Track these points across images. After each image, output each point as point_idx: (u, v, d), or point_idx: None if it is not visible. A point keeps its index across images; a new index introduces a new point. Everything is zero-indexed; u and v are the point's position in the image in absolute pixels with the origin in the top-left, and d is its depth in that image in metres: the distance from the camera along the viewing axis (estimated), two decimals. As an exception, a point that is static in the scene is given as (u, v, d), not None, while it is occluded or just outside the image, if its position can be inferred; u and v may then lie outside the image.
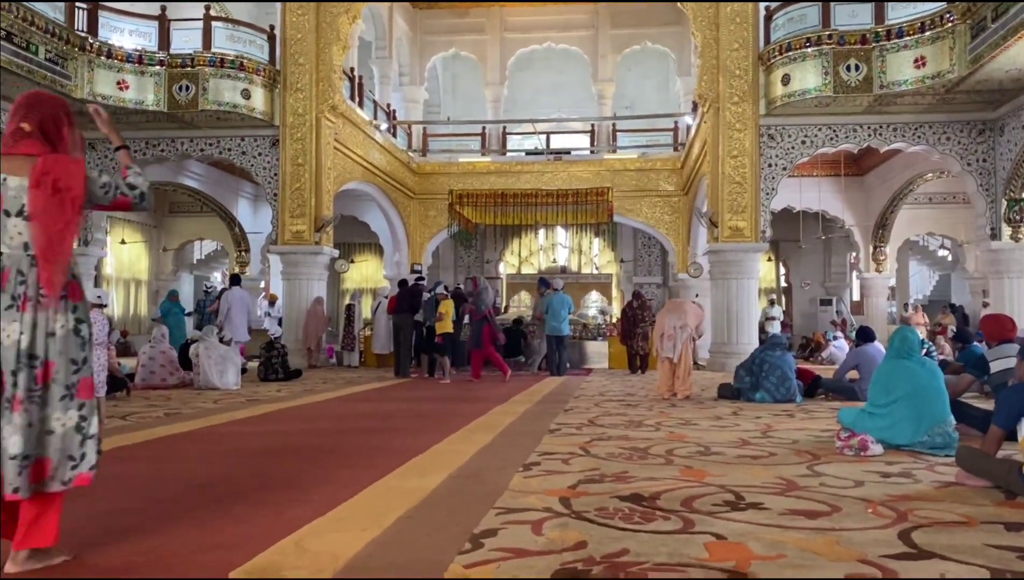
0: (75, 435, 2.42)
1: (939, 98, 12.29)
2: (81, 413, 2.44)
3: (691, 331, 8.85)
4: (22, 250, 2.42)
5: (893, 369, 4.90)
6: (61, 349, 2.42)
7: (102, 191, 2.59)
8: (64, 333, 2.44)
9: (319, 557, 2.47)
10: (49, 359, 2.40)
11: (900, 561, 2.45)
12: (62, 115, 2.63)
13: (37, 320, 2.40)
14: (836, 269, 22.88)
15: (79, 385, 2.45)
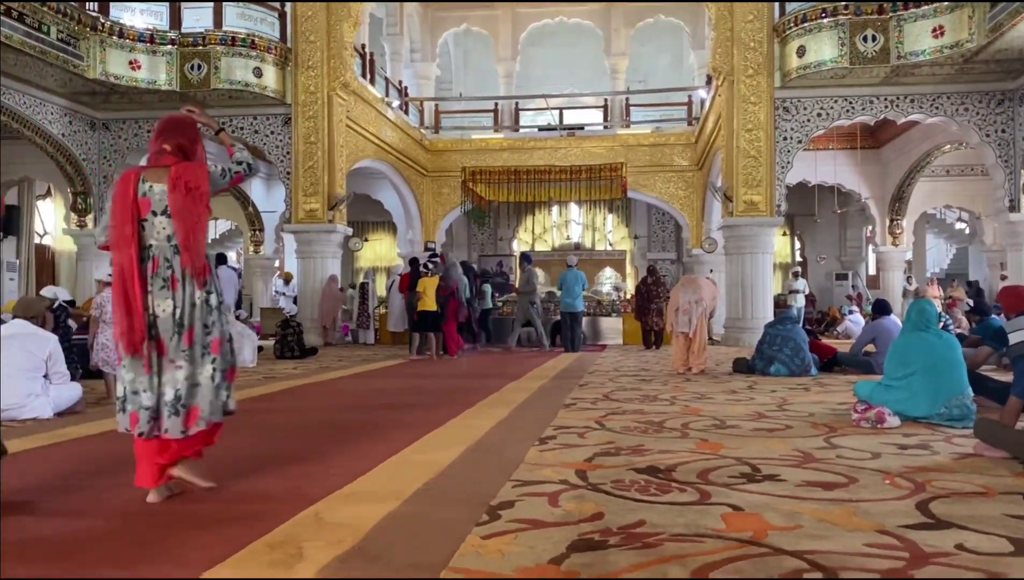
0: (211, 384, 3.05)
1: (957, 68, 12.10)
2: (215, 366, 3.06)
3: (706, 306, 8.83)
4: (166, 241, 3.02)
5: (910, 341, 4.87)
6: (199, 317, 3.03)
7: (221, 178, 3.20)
8: (200, 304, 3.04)
9: (338, 529, 2.49)
10: (192, 324, 3.02)
11: (918, 531, 2.45)
12: (194, 134, 3.25)
13: (184, 296, 3.02)
14: (852, 243, 22.71)
15: (211, 344, 3.07)
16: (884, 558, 2.18)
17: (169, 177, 3.02)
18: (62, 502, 2.99)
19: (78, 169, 14.09)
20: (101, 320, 6.27)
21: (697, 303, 8.75)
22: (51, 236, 17.63)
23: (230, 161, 3.26)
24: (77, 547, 2.37)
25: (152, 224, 3.02)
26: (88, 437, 4.49)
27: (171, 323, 3.00)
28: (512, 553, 2.23)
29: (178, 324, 3.00)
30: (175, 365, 2.99)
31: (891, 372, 4.89)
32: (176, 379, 2.98)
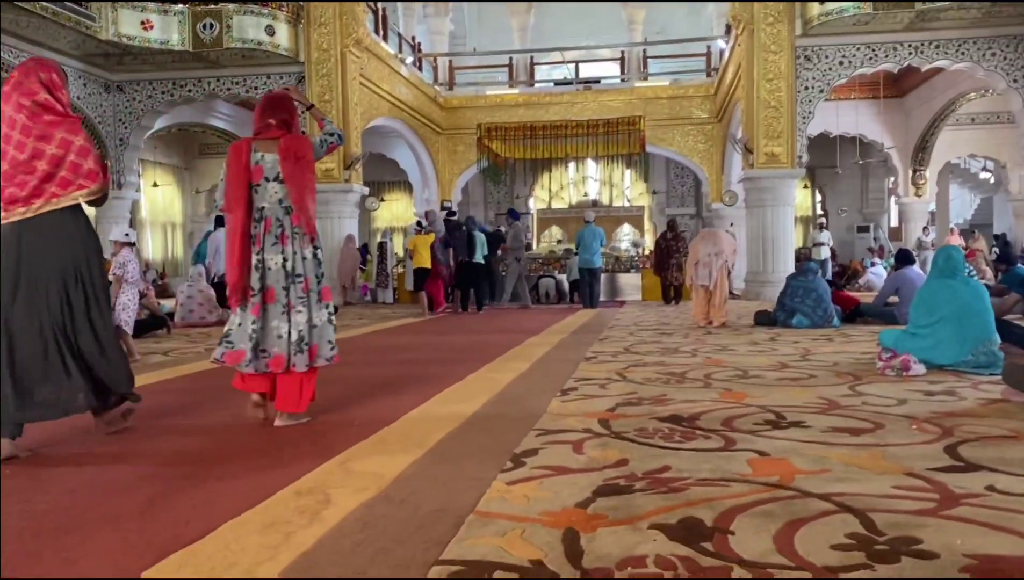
0: (328, 326, 3.56)
1: (984, 12, 11.78)
2: (327, 311, 3.58)
3: (725, 258, 8.75)
4: (277, 204, 3.48)
5: (937, 288, 4.79)
6: (312, 268, 3.52)
7: (320, 148, 3.64)
8: (311, 257, 3.53)
9: (364, 477, 2.50)
10: (307, 275, 3.51)
11: (948, 474, 2.42)
12: (292, 108, 3.67)
13: (295, 250, 3.48)
14: (874, 195, 22.41)
15: (323, 292, 3.58)
16: (914, 499, 2.16)
17: (280, 148, 3.47)
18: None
19: (93, 132, 14.07)
20: (124, 280, 6.29)
21: (717, 256, 8.68)
22: (70, 200, 17.72)
23: (322, 133, 3.71)
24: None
25: (264, 189, 3.47)
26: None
27: (283, 274, 3.46)
28: (538, 498, 2.23)
29: (290, 274, 3.47)
30: (295, 310, 3.47)
31: (916, 320, 4.83)
32: (298, 322, 3.45)
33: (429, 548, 1.85)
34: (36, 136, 3.07)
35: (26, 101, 3.10)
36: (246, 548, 1.88)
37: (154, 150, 18.80)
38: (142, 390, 4.39)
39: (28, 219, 3.04)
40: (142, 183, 17.99)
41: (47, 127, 3.11)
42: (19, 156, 3.05)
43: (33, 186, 3.04)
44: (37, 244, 3.05)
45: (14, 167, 3.04)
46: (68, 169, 3.11)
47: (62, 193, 3.10)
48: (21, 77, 3.15)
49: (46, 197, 3.07)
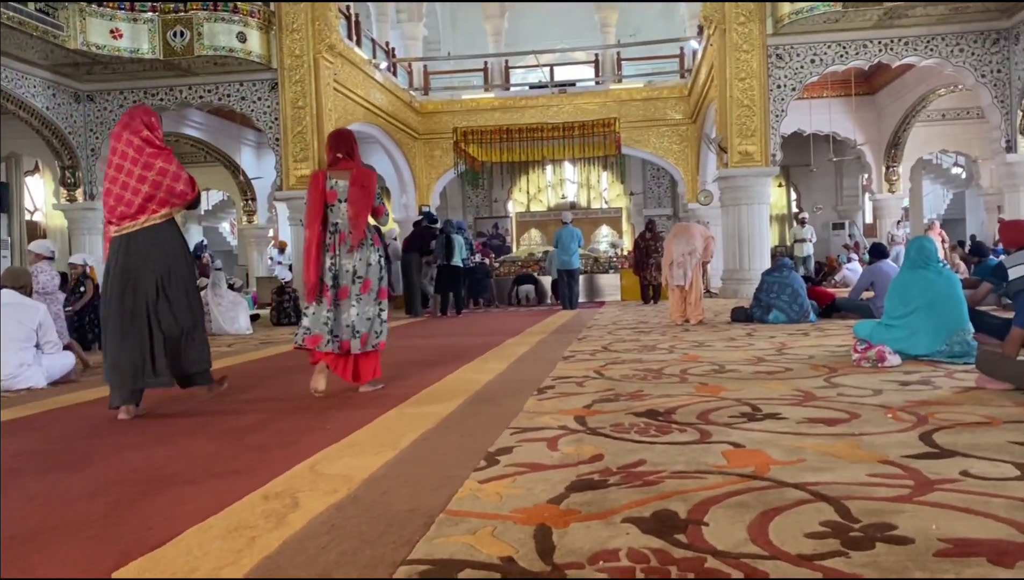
0: (378, 320, 4.36)
1: (952, 8, 11.91)
2: (380, 307, 4.37)
3: (700, 256, 8.76)
4: (346, 220, 4.28)
5: (910, 279, 4.82)
6: (374, 273, 4.35)
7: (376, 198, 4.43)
8: (374, 263, 4.36)
9: (334, 479, 2.46)
10: (368, 278, 4.33)
11: (923, 460, 2.41)
12: (354, 143, 4.50)
13: (361, 256, 4.31)
14: (848, 192, 22.59)
15: (380, 291, 4.38)
16: (889, 486, 2.14)
17: (351, 177, 4.31)
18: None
19: (65, 143, 13.91)
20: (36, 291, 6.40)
21: (691, 255, 8.69)
22: (41, 212, 17.50)
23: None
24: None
25: (338, 208, 4.30)
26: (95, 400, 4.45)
27: (351, 276, 4.29)
28: (510, 495, 2.19)
29: (356, 276, 4.30)
30: (352, 304, 4.27)
31: (891, 311, 4.85)
32: (353, 315, 4.27)
33: (397, 548, 1.80)
34: (142, 165, 3.93)
35: (134, 139, 3.96)
36: (209, 553, 1.83)
37: (126, 160, 18.58)
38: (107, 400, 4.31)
39: (135, 231, 3.93)
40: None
41: (149, 158, 3.96)
42: (129, 181, 3.92)
43: (138, 205, 3.91)
44: (140, 250, 3.91)
45: (124, 190, 3.91)
46: (165, 191, 3.97)
47: (160, 209, 3.98)
48: (128, 120, 4.03)
49: (148, 213, 3.95)
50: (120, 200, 3.90)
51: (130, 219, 3.91)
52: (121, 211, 3.91)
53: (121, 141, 3.97)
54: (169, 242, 3.99)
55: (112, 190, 3.93)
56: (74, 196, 14.26)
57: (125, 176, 3.91)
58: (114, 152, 3.98)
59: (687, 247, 8.68)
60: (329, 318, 4.24)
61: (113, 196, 3.92)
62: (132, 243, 3.90)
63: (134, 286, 3.87)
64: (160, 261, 3.92)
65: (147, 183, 3.91)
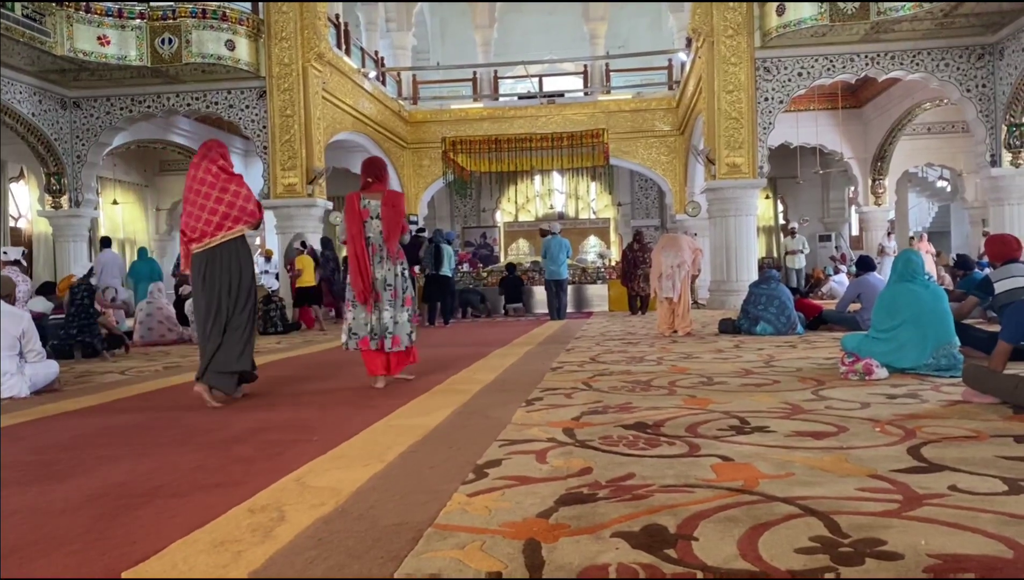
0: (407, 324, 5.11)
1: (937, 23, 12.03)
2: (407, 313, 5.11)
3: (688, 267, 8.78)
4: (379, 235, 5.01)
5: (897, 292, 4.84)
6: (400, 282, 5.09)
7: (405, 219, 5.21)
8: (400, 274, 5.10)
9: (320, 492, 2.43)
10: (396, 286, 5.06)
11: (911, 475, 2.41)
12: (385, 169, 5.26)
13: (390, 267, 5.04)
14: (834, 204, 22.72)
15: (405, 299, 5.11)
16: (878, 501, 2.14)
17: (383, 198, 5.04)
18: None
19: (51, 149, 13.82)
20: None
21: (679, 267, 8.70)
22: (26, 219, 17.35)
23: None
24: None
25: (370, 224, 5.02)
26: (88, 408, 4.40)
27: (383, 284, 5.02)
28: (499, 509, 2.18)
29: (386, 284, 5.03)
30: (384, 309, 5.02)
31: (878, 324, 4.87)
32: (385, 318, 5.01)
33: (385, 563, 1.79)
34: (219, 189, 4.57)
35: (212, 167, 4.62)
36: (194, 568, 1.81)
37: (113, 167, 18.47)
38: (96, 409, 4.28)
39: (212, 247, 4.57)
40: (101, 201, 17.69)
41: (225, 183, 4.60)
42: (207, 203, 4.55)
43: (215, 224, 4.55)
44: (216, 262, 4.58)
45: (203, 210, 4.54)
46: (238, 210, 4.60)
47: (235, 226, 4.61)
48: (206, 151, 4.70)
49: (224, 231, 4.58)
50: (199, 219, 4.56)
51: (209, 236, 4.56)
52: (201, 230, 4.56)
53: (200, 169, 4.62)
54: (242, 254, 4.67)
55: (192, 211, 4.57)
56: (59, 203, 14.16)
57: (203, 199, 4.56)
58: (193, 179, 4.62)
59: (675, 259, 8.70)
60: (370, 321, 5.01)
61: (193, 216, 4.57)
62: (212, 256, 4.59)
63: (214, 291, 4.59)
64: (234, 270, 4.62)
65: (224, 204, 4.56)
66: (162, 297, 10.30)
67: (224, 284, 4.57)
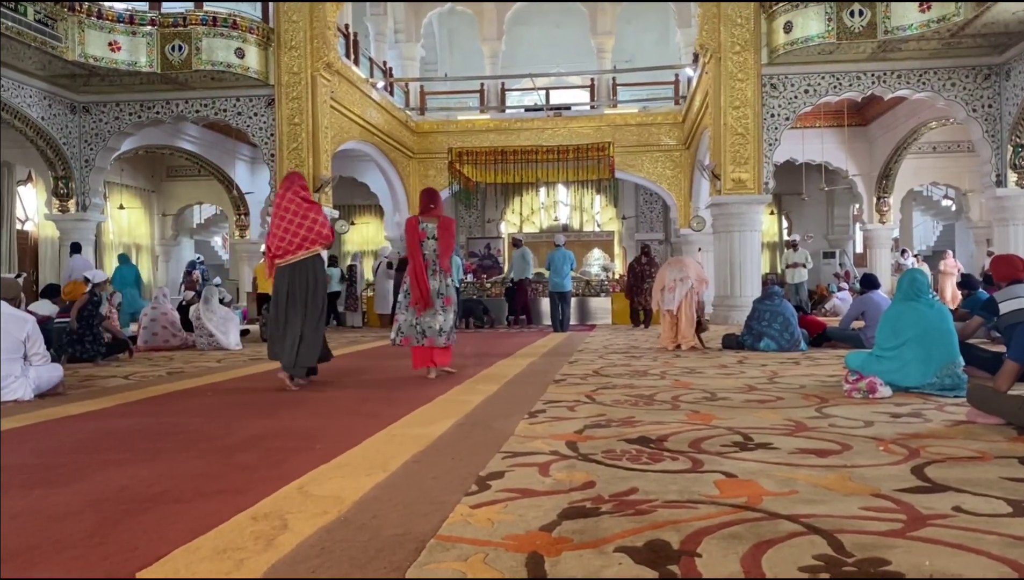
0: (449, 323, 5.97)
1: (944, 43, 12.07)
2: (450, 313, 6.01)
3: (692, 283, 8.77)
4: (433, 252, 5.93)
5: (902, 311, 4.83)
6: (451, 291, 6.05)
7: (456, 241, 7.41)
8: (448, 284, 6.04)
9: (323, 501, 2.43)
10: (447, 295, 5.99)
11: (915, 494, 2.41)
12: (439, 197, 6.22)
13: (441, 279, 5.97)
14: (839, 221, 22.73)
15: (447, 303, 6.00)
16: (881, 520, 2.14)
17: (439, 223, 6.00)
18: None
19: (59, 153, 13.88)
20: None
21: (682, 281, 8.71)
22: (33, 222, 17.41)
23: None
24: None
25: (427, 243, 5.97)
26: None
27: (436, 293, 5.96)
28: (502, 522, 2.17)
29: (438, 293, 5.98)
30: (437, 314, 5.94)
31: (882, 342, 4.86)
32: (439, 320, 5.94)
33: (388, 574, 1.78)
34: (300, 216, 5.54)
35: (295, 197, 5.60)
36: (196, 575, 1.81)
37: (120, 172, 18.55)
38: (99, 413, 4.28)
39: (293, 262, 5.56)
40: (108, 205, 17.74)
41: (306, 211, 5.57)
42: (291, 227, 5.52)
43: (296, 244, 5.53)
44: (297, 276, 5.56)
45: (286, 233, 5.52)
46: (315, 234, 5.56)
47: (311, 247, 5.58)
48: (290, 183, 5.69)
49: (304, 249, 5.56)
50: (283, 240, 5.51)
51: (292, 253, 5.52)
52: (285, 248, 5.51)
53: (285, 198, 5.60)
54: (317, 269, 5.66)
55: (277, 233, 5.54)
56: (66, 207, 14.22)
57: (287, 223, 5.52)
58: (279, 206, 5.59)
59: (679, 274, 8.72)
60: (418, 323, 5.93)
61: (278, 237, 5.53)
62: (294, 269, 5.55)
63: (295, 298, 5.55)
64: (310, 282, 5.58)
65: (304, 228, 5.51)
66: (167, 302, 10.32)
67: (304, 292, 5.55)
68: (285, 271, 5.55)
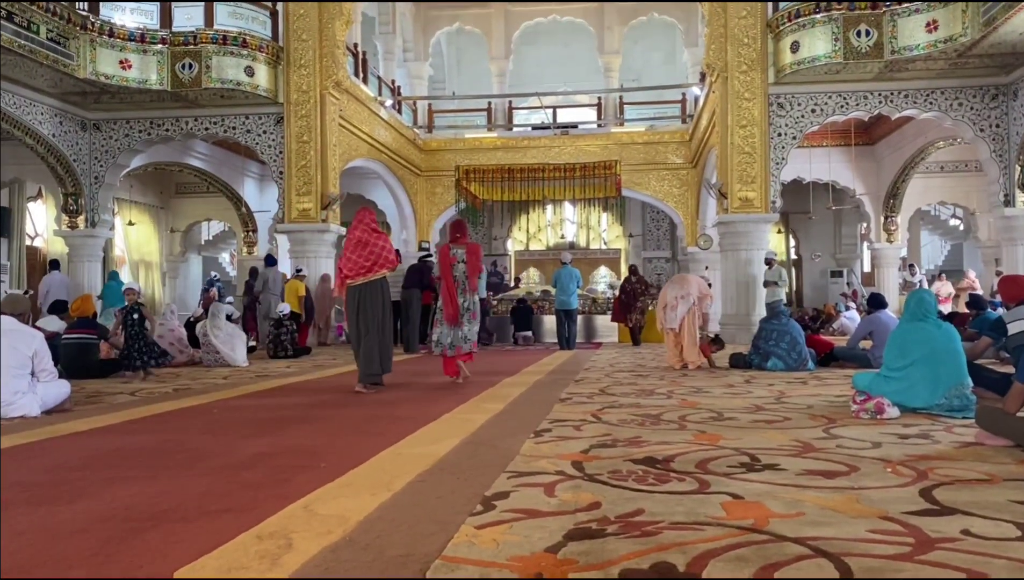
0: (474, 333, 7.21)
1: (951, 63, 12.08)
2: (475, 325, 7.22)
3: (695, 301, 8.67)
4: (462, 274, 7.05)
5: (909, 331, 4.81)
6: (477, 307, 7.25)
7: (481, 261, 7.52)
8: (474, 302, 7.19)
9: (327, 520, 2.43)
10: (472, 310, 7.17)
11: (923, 517, 2.39)
12: (466, 227, 7.61)
13: (468, 297, 7.12)
14: (847, 240, 22.70)
15: (473, 317, 7.19)
16: (889, 543, 2.12)
17: (467, 249, 7.11)
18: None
19: (69, 170, 13.98)
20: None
21: (683, 298, 8.62)
22: (42, 238, 17.51)
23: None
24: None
25: (457, 267, 7.05)
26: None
27: (464, 309, 7.05)
28: (507, 543, 2.17)
29: (466, 309, 7.08)
30: (465, 324, 7.08)
31: (890, 362, 4.84)
32: (468, 330, 7.11)
33: (392, 594, 1.78)
34: (371, 244, 6.57)
35: (366, 228, 6.64)
36: (200, 595, 1.80)
37: (130, 189, 18.66)
38: (106, 430, 4.29)
39: (363, 283, 6.57)
40: (117, 221, 17.83)
41: (376, 239, 6.62)
42: (363, 252, 6.55)
43: (366, 267, 6.54)
44: (366, 295, 6.57)
45: (359, 257, 6.53)
46: (382, 259, 6.59)
47: (378, 270, 6.59)
48: (362, 217, 6.73)
49: (372, 272, 6.56)
50: (355, 264, 6.53)
51: (362, 276, 6.54)
52: (356, 271, 6.54)
53: (357, 230, 6.64)
54: (384, 288, 6.70)
55: (350, 258, 6.56)
56: (76, 223, 14.30)
57: (359, 250, 6.56)
58: (351, 236, 6.66)
59: (680, 291, 8.69)
60: (451, 334, 7.09)
61: (351, 262, 6.55)
62: (363, 290, 6.57)
63: (365, 314, 6.55)
64: (378, 300, 6.60)
65: (373, 254, 6.55)
66: (174, 318, 10.34)
67: (372, 308, 6.55)
68: (355, 290, 6.56)
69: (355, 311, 6.54)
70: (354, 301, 6.53)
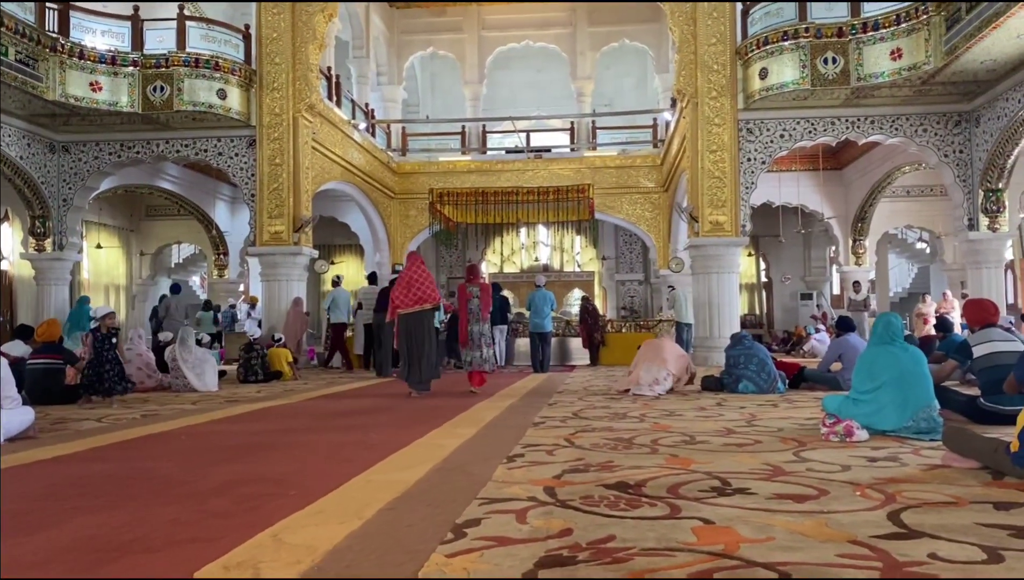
0: (490, 356, 9.02)
1: (916, 90, 12.35)
2: (490, 350, 8.99)
3: (671, 380, 8.25)
4: (476, 307, 8.85)
5: (877, 355, 4.87)
6: (489, 332, 9.13)
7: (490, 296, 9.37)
8: (488, 329, 9.09)
9: (296, 550, 2.39)
10: (486, 337, 8.92)
11: (891, 541, 2.41)
12: (479, 269, 9.91)
13: (482, 326, 8.88)
14: (816, 263, 22.99)
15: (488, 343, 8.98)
16: (858, 568, 2.13)
17: (481, 288, 8.87)
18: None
19: (37, 193, 13.81)
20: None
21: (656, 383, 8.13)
22: (8, 261, 17.22)
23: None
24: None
25: (472, 301, 8.77)
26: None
27: (478, 335, 8.76)
28: (477, 571, 2.15)
29: (480, 335, 8.77)
30: (482, 347, 8.74)
31: (858, 386, 4.89)
32: (485, 353, 8.77)
33: (361, 626, 1.75)
34: (419, 282, 8.17)
35: (417, 268, 8.27)
36: (164, 629, 1.77)
37: (99, 211, 18.44)
38: (70, 458, 4.22)
39: (410, 313, 8.14)
40: (85, 245, 17.61)
41: (423, 279, 8.22)
42: (411, 290, 8.13)
43: (414, 300, 8.13)
44: (413, 323, 8.14)
45: (408, 292, 8.14)
46: (427, 295, 8.13)
47: (423, 304, 8.13)
48: (413, 259, 8.46)
49: (419, 305, 8.13)
50: (407, 297, 8.14)
51: (410, 307, 8.13)
52: (407, 303, 8.13)
53: (410, 270, 8.28)
54: (427, 318, 8.20)
55: (403, 292, 8.18)
56: (43, 246, 14.11)
57: (409, 286, 8.16)
58: (404, 275, 8.30)
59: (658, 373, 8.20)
60: (471, 355, 8.73)
61: (403, 295, 8.17)
62: (412, 318, 8.15)
63: (412, 338, 8.14)
64: (423, 327, 8.17)
65: (420, 291, 8.14)
66: (141, 343, 10.20)
67: (419, 332, 8.14)
68: (404, 318, 8.14)
69: (404, 334, 8.16)
70: (404, 326, 8.14)
